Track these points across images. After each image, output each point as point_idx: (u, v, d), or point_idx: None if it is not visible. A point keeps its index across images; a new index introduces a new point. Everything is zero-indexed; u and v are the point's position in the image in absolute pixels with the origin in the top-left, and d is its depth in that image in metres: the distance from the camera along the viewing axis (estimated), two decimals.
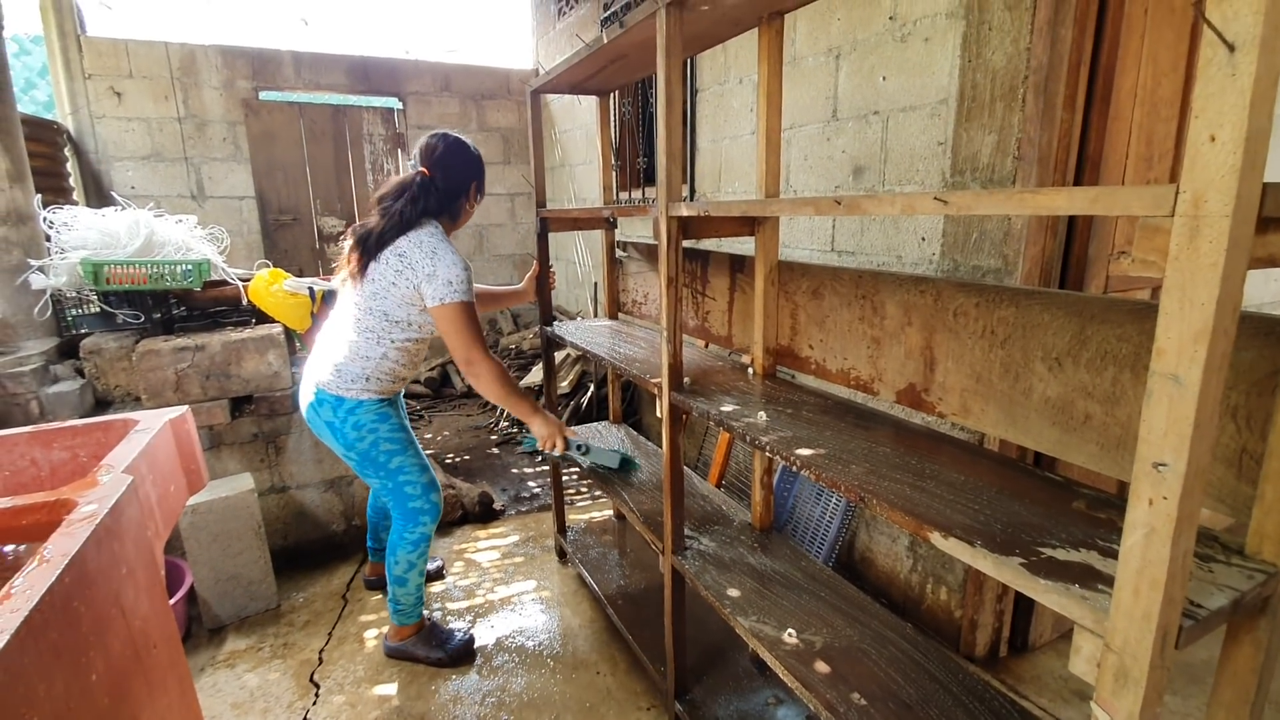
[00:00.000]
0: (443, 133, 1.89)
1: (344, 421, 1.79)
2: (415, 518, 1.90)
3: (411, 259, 1.72)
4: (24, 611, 0.77)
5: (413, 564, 1.93)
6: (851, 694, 1.10)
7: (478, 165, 1.92)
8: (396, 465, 1.85)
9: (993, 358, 1.05)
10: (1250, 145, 0.51)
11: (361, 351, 1.78)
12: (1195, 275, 0.53)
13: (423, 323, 1.81)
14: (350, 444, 1.81)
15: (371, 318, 1.77)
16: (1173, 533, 0.57)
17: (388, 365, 1.81)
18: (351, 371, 1.78)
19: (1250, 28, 0.49)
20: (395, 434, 1.85)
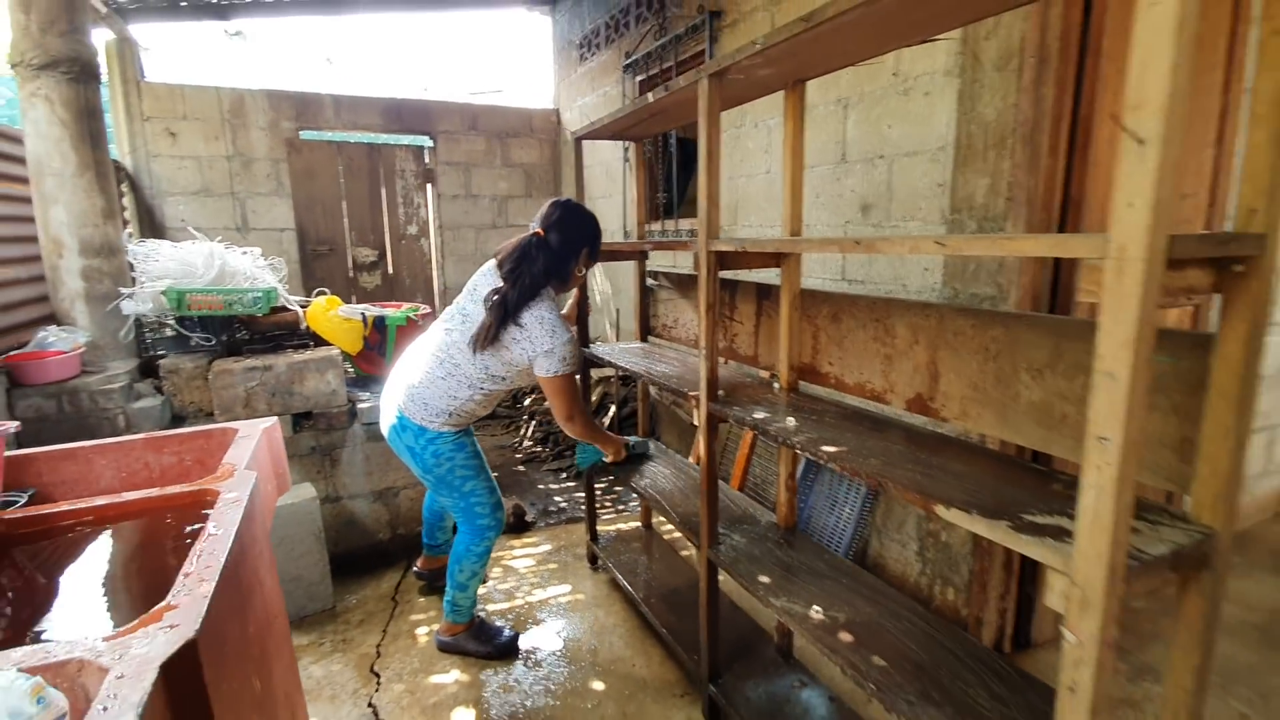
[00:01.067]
0: (564, 200, 2.03)
1: (424, 449, 1.98)
2: (483, 534, 2.10)
3: (532, 333, 1.86)
4: (220, 560, 0.98)
5: (475, 573, 2.13)
6: (872, 657, 1.29)
7: (592, 230, 2.02)
8: (469, 489, 2.04)
9: (986, 370, 1.26)
10: (1156, 209, 0.72)
11: (450, 391, 1.95)
12: (1121, 301, 0.75)
13: (514, 378, 1.98)
14: (428, 468, 2.00)
15: (472, 368, 1.93)
16: (1115, 490, 0.78)
17: (471, 406, 1.99)
18: (436, 407, 1.96)
19: (1154, 128, 0.72)
20: (469, 461, 2.04)
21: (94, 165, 2.44)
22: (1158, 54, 0.70)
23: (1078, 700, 0.84)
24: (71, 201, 2.40)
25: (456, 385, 1.95)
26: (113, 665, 0.76)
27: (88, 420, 2.33)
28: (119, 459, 1.67)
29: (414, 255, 5.36)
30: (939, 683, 1.22)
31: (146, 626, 0.85)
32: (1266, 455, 3.10)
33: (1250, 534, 3.05)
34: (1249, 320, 0.86)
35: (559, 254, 1.93)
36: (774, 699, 1.78)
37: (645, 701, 1.98)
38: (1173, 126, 0.71)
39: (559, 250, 1.93)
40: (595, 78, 4.81)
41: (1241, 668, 2.13)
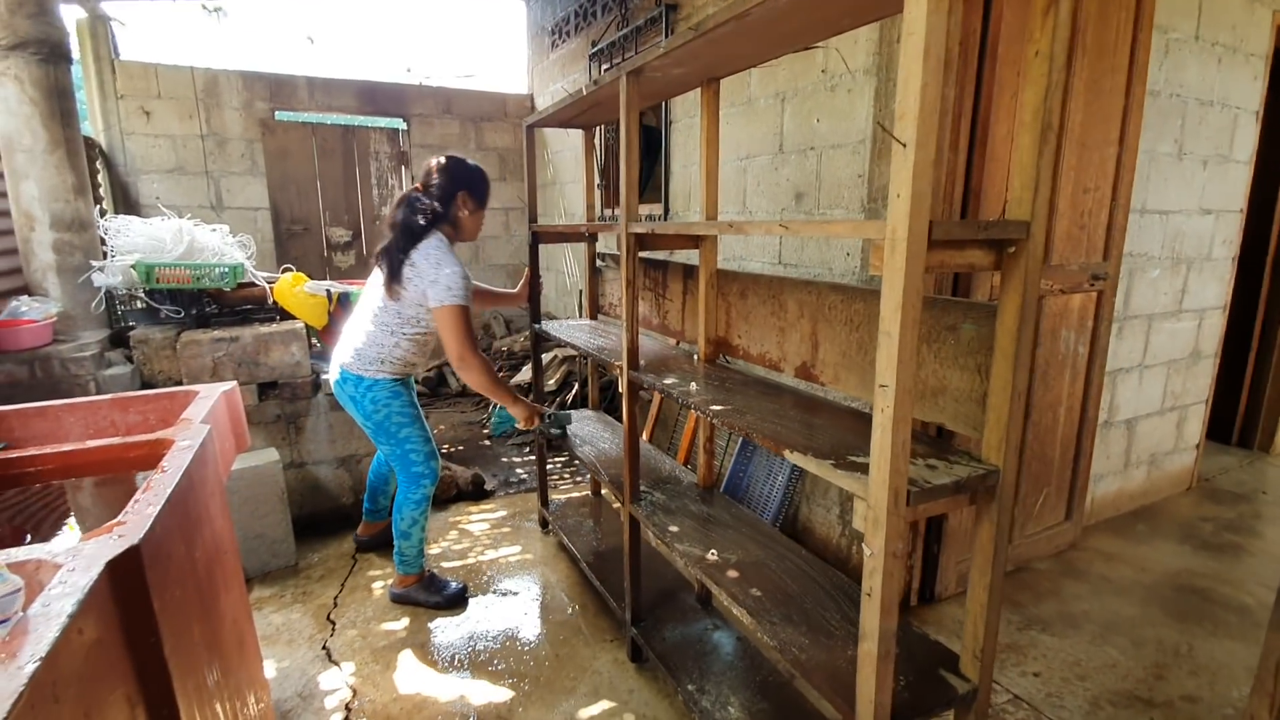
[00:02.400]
0: (445, 156, 2.25)
1: (364, 396, 2.18)
2: (417, 480, 2.27)
3: (420, 267, 2.08)
4: (166, 491, 1.14)
5: (415, 520, 2.30)
6: (751, 589, 1.48)
7: (465, 177, 2.20)
8: (404, 435, 2.22)
9: (851, 339, 1.44)
10: (916, 200, 0.90)
11: (377, 340, 2.17)
12: (894, 273, 0.92)
13: (428, 320, 2.18)
14: (368, 415, 2.20)
15: (387, 314, 2.16)
16: (892, 427, 0.96)
17: (399, 352, 2.19)
18: (369, 355, 2.18)
19: (912, 135, 0.89)
20: (405, 409, 2.23)
21: (65, 143, 2.56)
22: (913, 75, 0.87)
23: (873, 603, 1.03)
24: (42, 177, 2.51)
25: (382, 333, 2.17)
26: (66, 562, 0.93)
27: (59, 386, 2.46)
28: (87, 417, 1.82)
29: None
30: (803, 609, 1.41)
31: (98, 537, 1.01)
32: (1177, 434, 3.33)
33: (1159, 506, 3.29)
34: (1020, 293, 1.04)
35: (438, 199, 2.16)
36: (689, 639, 1.98)
37: (577, 644, 2.17)
38: (925, 133, 0.88)
39: (437, 196, 2.17)
40: (565, 65, 4.92)
41: (1124, 620, 2.35)
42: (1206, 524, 3.10)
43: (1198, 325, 3.24)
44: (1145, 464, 3.24)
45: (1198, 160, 2.95)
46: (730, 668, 1.86)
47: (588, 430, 2.66)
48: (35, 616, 0.78)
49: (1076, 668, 2.09)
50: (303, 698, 1.96)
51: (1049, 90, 0.98)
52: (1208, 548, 2.88)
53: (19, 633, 0.75)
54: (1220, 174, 3.07)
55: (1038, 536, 2.74)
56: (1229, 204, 3.17)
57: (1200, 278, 3.16)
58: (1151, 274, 2.94)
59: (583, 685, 1.99)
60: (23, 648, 0.72)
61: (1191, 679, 2.03)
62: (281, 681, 2.02)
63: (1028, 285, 1.03)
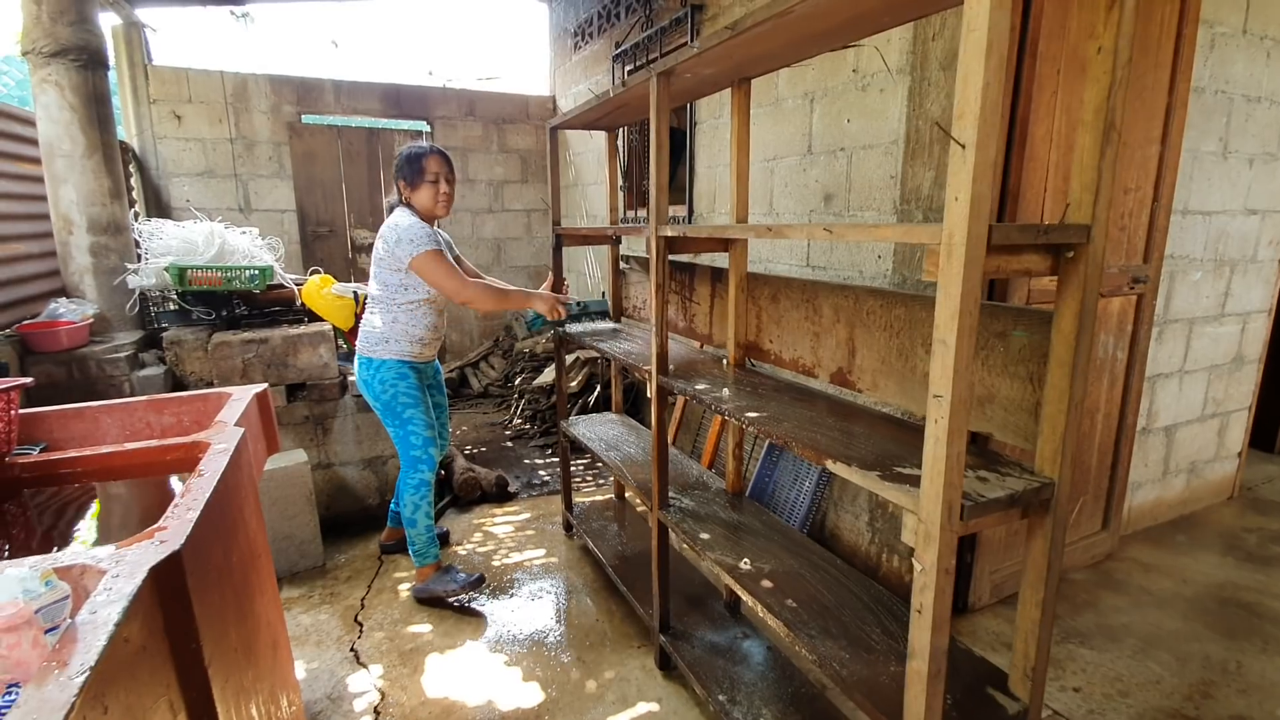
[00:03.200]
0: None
1: (373, 377, 2.29)
2: (415, 465, 2.31)
3: (385, 236, 2.23)
4: (205, 495, 1.14)
5: (417, 505, 2.33)
6: (787, 600, 1.45)
7: (400, 164, 2.30)
8: (408, 415, 2.29)
9: (891, 345, 1.41)
10: (975, 203, 0.86)
11: (380, 320, 2.29)
12: (950, 279, 0.89)
13: (413, 284, 2.26)
14: (376, 395, 2.30)
15: (379, 290, 2.29)
16: (947, 439, 0.93)
17: (400, 327, 2.28)
18: (375, 336, 2.29)
19: (971, 136, 0.86)
20: (411, 391, 2.31)
21: (102, 148, 2.60)
22: (974, 73, 0.84)
23: (923, 619, 0.99)
24: (80, 182, 2.56)
25: (381, 311, 2.30)
26: (110, 568, 0.93)
27: (95, 386, 2.50)
28: (123, 418, 1.84)
29: None
30: (840, 621, 1.37)
31: (140, 543, 1.01)
32: (1219, 441, 3.23)
33: (1199, 516, 3.19)
34: (1079, 299, 1.00)
35: (397, 189, 2.35)
36: (718, 648, 1.95)
37: (604, 650, 2.16)
38: (986, 133, 0.84)
39: (395, 185, 2.36)
40: (588, 66, 4.92)
41: (1166, 634, 2.28)
42: (1250, 535, 3.00)
43: (1241, 329, 3.14)
44: (1185, 472, 3.15)
45: (1243, 159, 2.86)
46: (761, 678, 1.83)
47: (613, 434, 2.64)
48: (83, 624, 0.78)
49: (1118, 683, 2.03)
50: (332, 700, 1.96)
51: (1113, 88, 0.94)
52: (1252, 560, 2.78)
53: (68, 640, 0.75)
54: (1267, 173, 2.97)
55: (1074, 546, 2.67)
56: (1275, 204, 3.07)
57: (1244, 280, 3.06)
58: (1193, 276, 2.86)
59: (610, 693, 1.97)
60: (72, 657, 0.72)
61: (1241, 698, 1.96)
62: (311, 683, 2.02)
63: (1087, 292, 1.00)
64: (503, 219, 5.74)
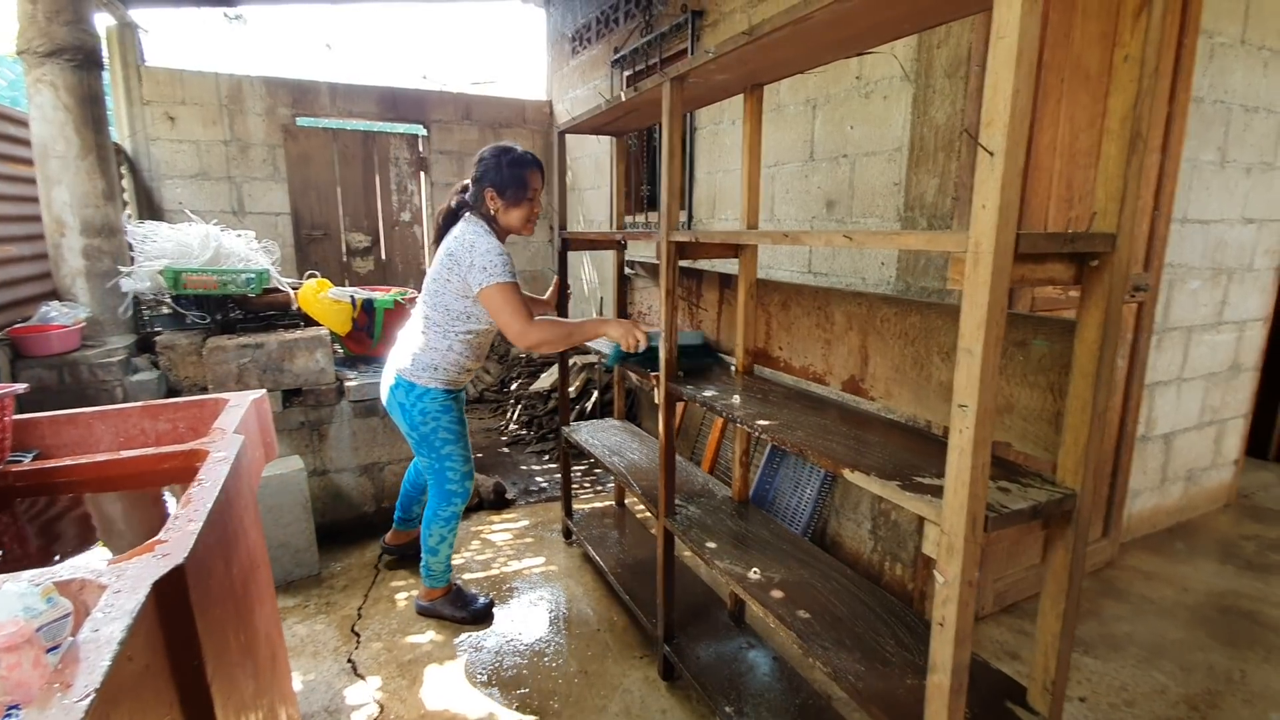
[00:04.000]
0: (491, 145, 2.17)
1: (414, 406, 2.12)
2: (449, 498, 2.23)
3: (456, 255, 2.01)
4: (207, 506, 1.11)
5: (444, 537, 2.26)
6: (799, 610, 1.42)
7: (491, 172, 2.08)
8: (447, 452, 2.18)
9: (906, 353, 1.39)
10: (1004, 211, 0.85)
11: (431, 344, 2.10)
12: (976, 288, 0.88)
13: (478, 314, 2.08)
14: (414, 425, 2.14)
15: (436, 313, 2.09)
16: (972, 450, 0.91)
17: (453, 357, 2.12)
18: (423, 361, 2.11)
19: (1000, 143, 0.84)
20: (453, 425, 2.18)
21: (95, 149, 2.56)
22: (1003, 80, 0.82)
23: (945, 633, 0.98)
24: (74, 183, 2.51)
25: (436, 337, 2.10)
26: (111, 583, 0.89)
27: (87, 391, 2.45)
28: (117, 425, 1.80)
29: (407, 242, 5.47)
30: (854, 633, 1.35)
31: (140, 556, 0.98)
32: (1215, 449, 3.24)
33: (1197, 523, 3.20)
34: (1103, 308, 0.99)
35: (472, 192, 2.14)
36: (723, 658, 1.92)
37: (607, 661, 2.13)
38: (1015, 141, 0.83)
39: (472, 189, 2.15)
40: (586, 71, 4.91)
41: (1169, 643, 2.28)
42: (1249, 543, 3.01)
43: (1238, 337, 3.16)
44: (1182, 480, 3.16)
45: (1241, 168, 2.88)
46: (768, 689, 1.80)
47: (615, 440, 2.62)
48: (86, 643, 0.75)
49: (1123, 693, 2.02)
50: (329, 712, 1.92)
51: (1139, 96, 0.93)
52: (1252, 568, 2.79)
53: (70, 660, 0.72)
54: (1264, 182, 3.00)
55: None
56: (1271, 213, 3.09)
57: (1241, 289, 3.08)
58: (1191, 285, 2.87)
59: (614, 704, 1.94)
60: (76, 678, 0.69)
61: (1247, 708, 1.96)
62: (308, 695, 1.98)
63: (1111, 301, 0.98)
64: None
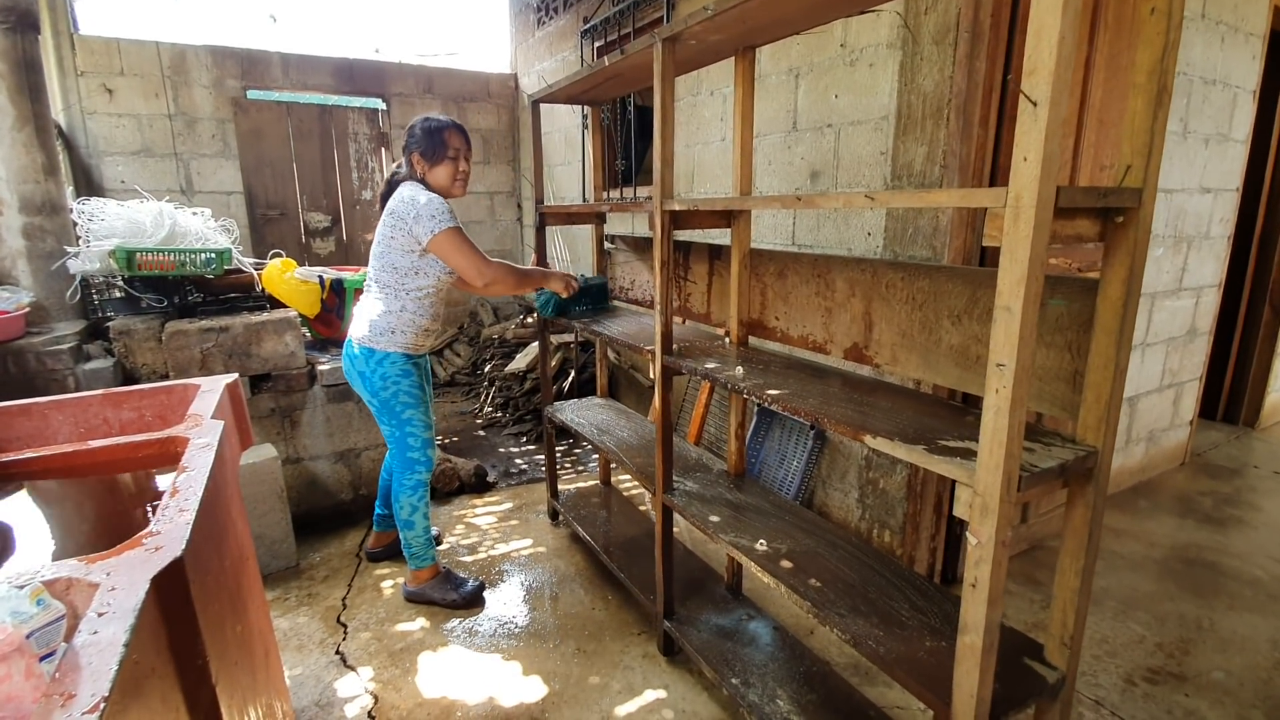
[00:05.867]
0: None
1: (373, 372, 2.09)
2: (412, 466, 2.18)
3: (399, 212, 2.01)
4: (198, 494, 1.03)
5: (415, 507, 2.20)
6: (809, 579, 1.42)
7: (414, 139, 2.09)
8: (407, 417, 2.13)
9: (914, 318, 1.38)
10: (1046, 163, 0.83)
11: (385, 306, 2.07)
12: (1016, 243, 0.86)
13: (426, 268, 2.07)
14: (375, 391, 2.11)
15: (385, 274, 2.07)
16: (1009, 408, 0.90)
17: (408, 317, 2.09)
18: (380, 326, 2.07)
19: (1044, 92, 0.82)
20: (413, 390, 2.14)
21: (33, 119, 2.36)
22: (1049, 26, 0.80)
23: (978, 593, 0.97)
24: (10, 156, 2.31)
25: (389, 298, 2.08)
26: (103, 580, 0.82)
27: (35, 382, 2.29)
28: (76, 415, 1.67)
29: (368, 220, 5.27)
30: (868, 598, 1.35)
31: (129, 550, 0.90)
32: (1174, 410, 3.38)
33: (1157, 481, 3.34)
34: (1127, 265, 0.99)
35: (405, 163, 2.15)
36: (724, 630, 1.92)
37: (604, 639, 2.10)
38: (1059, 90, 0.81)
39: (404, 160, 2.15)
40: (553, 42, 4.77)
41: (1142, 595, 2.37)
42: (1205, 498, 3.16)
43: (1195, 303, 3.28)
44: (1144, 440, 3.28)
45: (1200, 139, 2.96)
46: (771, 659, 1.81)
47: (602, 419, 2.58)
48: (85, 647, 0.67)
49: (1105, 644, 2.10)
50: (321, 706, 1.85)
51: (1166, 50, 0.92)
52: (1210, 521, 2.93)
53: (69, 668, 0.65)
54: (1220, 153, 3.10)
55: (1049, 515, 2.74)
56: (1227, 183, 3.20)
57: (1199, 256, 3.20)
58: (1156, 253, 2.96)
59: (615, 681, 1.93)
60: (80, 687, 0.62)
61: (1220, 654, 2.05)
62: (297, 690, 1.91)
63: (1135, 257, 0.98)
64: (464, 201, 5.54)
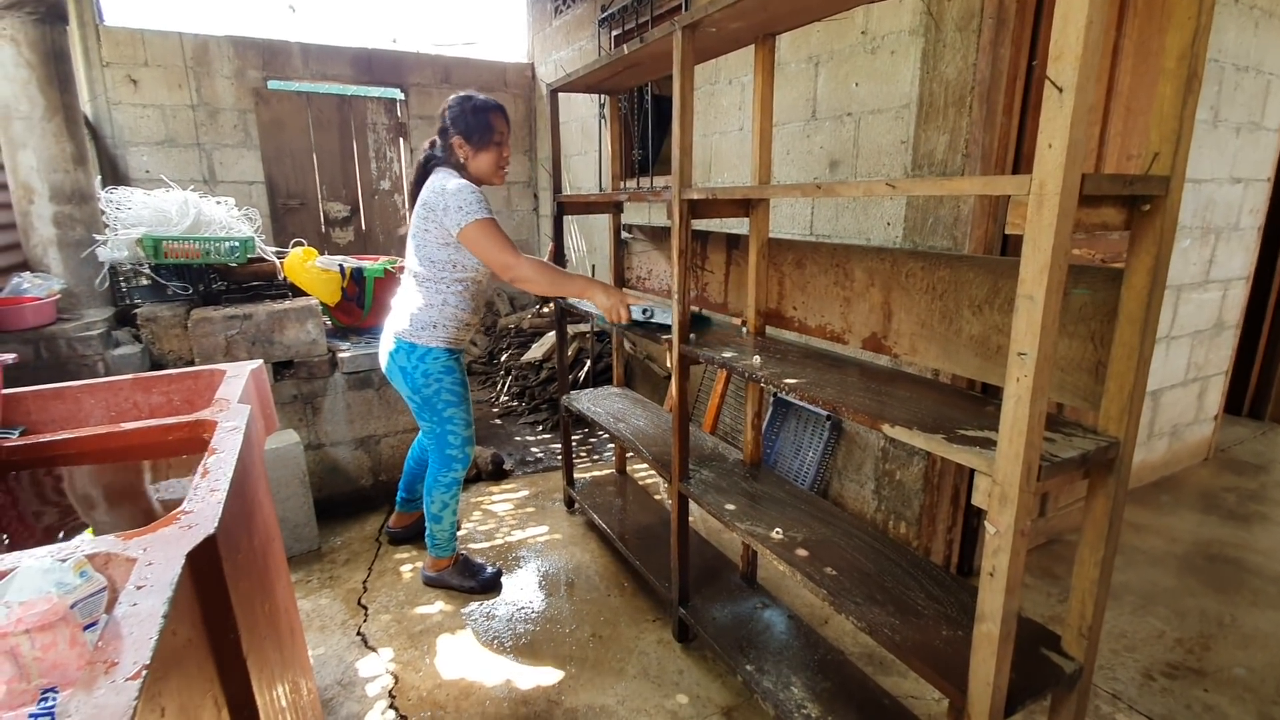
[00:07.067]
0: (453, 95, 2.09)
1: (415, 368, 2.06)
2: (449, 464, 2.19)
3: (431, 203, 1.96)
4: (228, 475, 1.06)
5: (446, 504, 2.22)
6: (825, 568, 1.42)
7: (458, 119, 2.02)
8: (449, 415, 2.13)
9: (934, 308, 1.38)
10: (1071, 150, 0.83)
11: (426, 300, 2.05)
12: (1040, 231, 0.85)
13: (464, 260, 2.03)
14: (417, 388, 2.08)
15: (422, 267, 2.04)
16: (1031, 397, 0.90)
17: (450, 310, 2.06)
18: (421, 320, 2.05)
19: (1070, 78, 0.81)
20: (455, 388, 2.12)
21: (63, 109, 2.40)
22: (1076, 10, 0.79)
23: (996, 582, 0.97)
24: (40, 146, 2.36)
25: (429, 292, 2.04)
26: (140, 555, 0.84)
27: (66, 366, 2.35)
28: (108, 398, 1.72)
29: (387, 210, 5.31)
30: (883, 587, 1.36)
31: (164, 528, 0.92)
32: (1198, 404, 3.33)
33: (1180, 477, 3.29)
34: (1154, 254, 0.98)
35: (441, 145, 2.07)
36: (738, 618, 1.93)
37: (619, 625, 2.13)
38: (1086, 76, 0.80)
39: (440, 142, 2.08)
40: (570, 31, 4.76)
41: (1162, 591, 2.35)
42: (1229, 494, 3.11)
43: (1222, 296, 3.22)
44: (1167, 435, 3.24)
45: (1231, 128, 2.90)
46: (786, 646, 1.82)
47: (618, 407, 2.59)
48: (125, 618, 0.70)
49: (1124, 639, 2.08)
50: (343, 685, 1.90)
51: (1197, 34, 0.90)
52: (1234, 518, 2.89)
53: (111, 637, 0.67)
54: (1251, 142, 3.03)
55: (1068, 509, 2.72)
56: (1258, 172, 3.13)
57: (1228, 248, 3.13)
58: (1183, 244, 2.90)
59: (630, 666, 1.95)
60: (123, 654, 0.64)
61: (1241, 650, 2.03)
62: (320, 669, 1.95)
63: (1162, 246, 0.97)
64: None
